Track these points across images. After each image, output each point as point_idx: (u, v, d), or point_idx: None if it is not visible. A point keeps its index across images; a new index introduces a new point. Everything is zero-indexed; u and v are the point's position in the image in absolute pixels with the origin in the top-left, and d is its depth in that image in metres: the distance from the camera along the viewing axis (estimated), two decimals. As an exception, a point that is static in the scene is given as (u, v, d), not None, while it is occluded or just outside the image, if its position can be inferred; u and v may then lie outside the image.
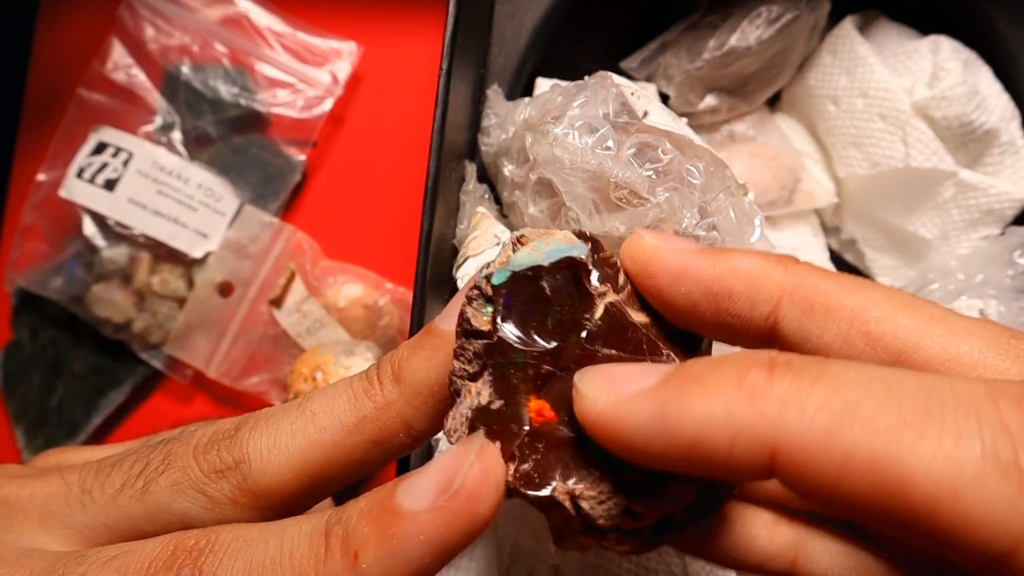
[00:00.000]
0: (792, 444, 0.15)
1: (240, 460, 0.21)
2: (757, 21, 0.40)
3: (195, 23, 0.47)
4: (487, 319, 0.19)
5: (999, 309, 0.34)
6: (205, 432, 0.22)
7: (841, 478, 0.15)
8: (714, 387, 0.16)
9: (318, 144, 0.48)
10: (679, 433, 0.16)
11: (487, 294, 0.20)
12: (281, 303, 0.46)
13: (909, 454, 0.14)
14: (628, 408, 0.17)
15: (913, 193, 0.41)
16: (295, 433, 0.21)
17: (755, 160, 0.42)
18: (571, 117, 0.30)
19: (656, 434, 0.16)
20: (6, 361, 0.48)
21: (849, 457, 0.14)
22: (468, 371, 0.20)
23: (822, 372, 0.15)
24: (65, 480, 0.22)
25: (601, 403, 0.17)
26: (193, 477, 0.21)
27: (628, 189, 0.29)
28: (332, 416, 0.21)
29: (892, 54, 0.41)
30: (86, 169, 0.45)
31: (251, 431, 0.21)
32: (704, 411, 0.16)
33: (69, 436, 0.47)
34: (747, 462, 0.16)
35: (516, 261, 0.20)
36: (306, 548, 0.18)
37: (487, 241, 0.33)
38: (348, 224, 0.48)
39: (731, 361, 0.16)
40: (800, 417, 0.15)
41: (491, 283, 0.20)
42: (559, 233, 0.21)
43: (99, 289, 0.45)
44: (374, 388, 0.21)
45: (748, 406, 0.15)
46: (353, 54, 0.48)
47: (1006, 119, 0.40)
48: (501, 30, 0.41)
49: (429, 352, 0.21)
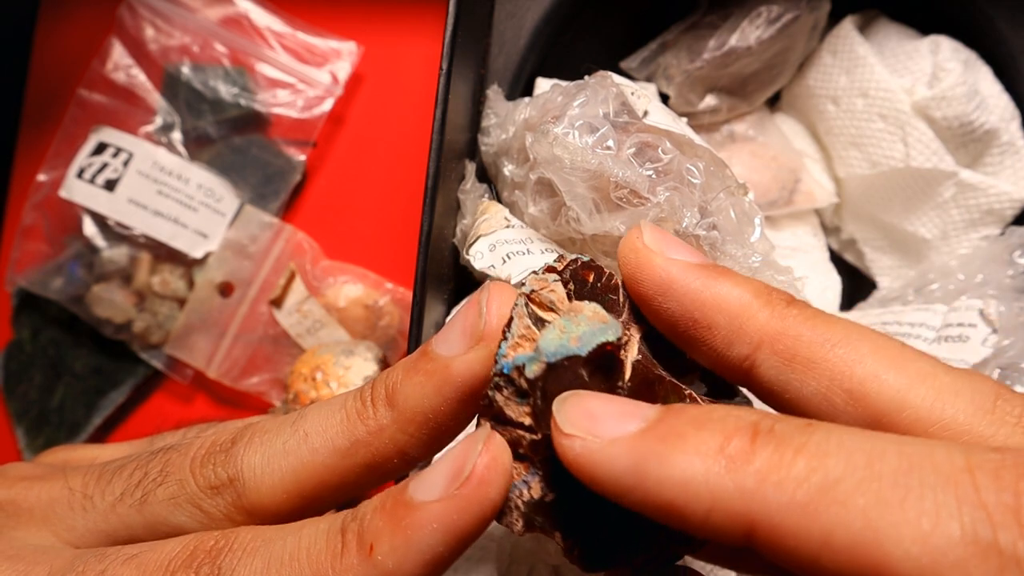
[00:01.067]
0: (770, 521, 0.15)
1: (234, 477, 0.21)
2: (757, 21, 0.40)
3: (195, 23, 0.47)
4: (525, 411, 0.19)
5: (999, 309, 0.34)
6: (203, 443, 0.22)
7: (821, 557, 0.14)
8: (694, 451, 0.16)
9: (318, 144, 0.48)
10: (655, 493, 0.16)
11: (520, 386, 0.19)
12: (281, 303, 0.46)
13: (888, 537, 0.14)
14: (605, 454, 0.16)
15: (913, 193, 0.41)
16: (288, 453, 0.21)
17: (755, 160, 0.42)
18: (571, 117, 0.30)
19: (632, 488, 0.16)
20: (7, 361, 0.48)
21: (828, 537, 0.14)
22: None
23: (804, 442, 0.15)
24: (69, 484, 0.22)
25: (579, 445, 0.17)
26: (189, 491, 0.21)
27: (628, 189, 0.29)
28: (325, 438, 0.21)
29: (892, 54, 0.41)
30: (86, 169, 0.45)
31: (246, 446, 0.21)
32: (681, 476, 0.15)
33: (70, 436, 0.47)
34: (723, 531, 0.15)
35: (547, 349, 0.19)
36: (323, 545, 0.18)
37: (498, 223, 0.33)
38: (348, 224, 0.48)
39: (716, 423, 0.16)
40: (779, 494, 0.15)
41: (524, 375, 0.18)
42: (587, 309, 0.19)
43: (99, 289, 0.45)
44: (367, 411, 0.21)
45: (727, 477, 0.15)
46: (353, 54, 0.48)
47: (1006, 119, 0.40)
48: (501, 30, 0.41)
49: (423, 378, 0.20)
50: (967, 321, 0.34)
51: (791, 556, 0.15)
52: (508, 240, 0.32)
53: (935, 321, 0.36)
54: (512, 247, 0.31)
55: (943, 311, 0.36)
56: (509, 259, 0.31)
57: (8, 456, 0.48)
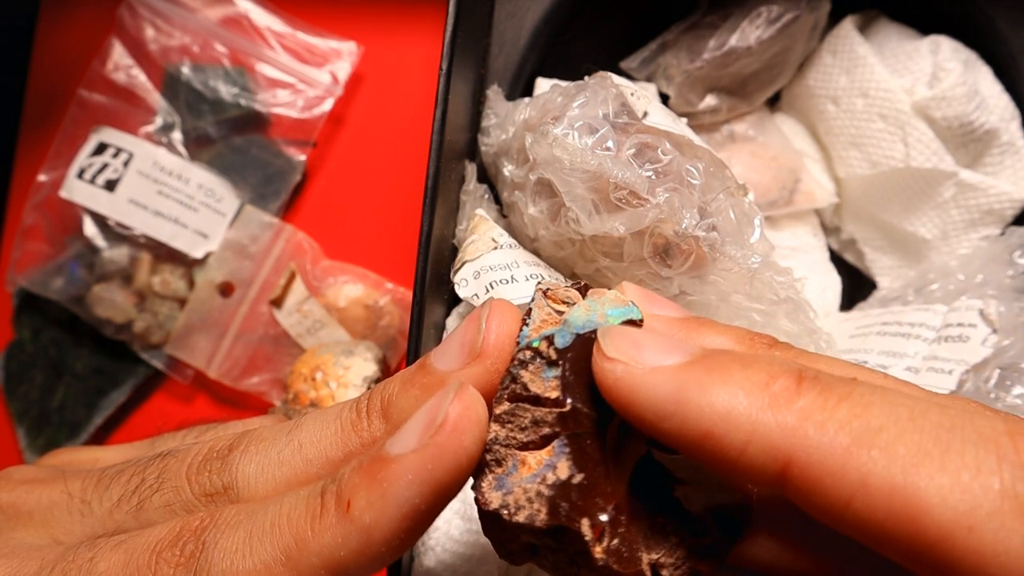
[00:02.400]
0: (808, 459, 0.15)
1: (229, 486, 0.21)
2: (757, 21, 0.40)
3: (195, 23, 0.47)
4: (552, 384, 0.18)
5: (999, 309, 0.34)
6: (200, 450, 0.22)
7: (853, 500, 0.15)
8: (738, 384, 0.16)
9: (318, 144, 0.48)
10: (694, 420, 0.16)
11: (549, 357, 0.18)
12: (281, 303, 0.46)
13: (927, 484, 0.14)
14: (647, 381, 0.17)
15: (913, 193, 0.41)
16: (282, 463, 0.21)
17: (755, 160, 0.42)
18: (571, 117, 0.30)
19: (670, 415, 0.16)
20: (8, 361, 0.48)
21: (865, 480, 0.14)
22: (521, 439, 0.18)
23: (848, 392, 0.15)
24: (68, 489, 0.22)
25: (620, 369, 0.17)
26: (184, 499, 0.21)
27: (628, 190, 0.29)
28: (319, 449, 0.21)
29: (892, 54, 0.41)
30: (87, 170, 0.45)
31: (242, 455, 0.21)
32: (724, 406, 0.16)
33: (71, 436, 0.47)
34: (757, 467, 0.15)
35: (576, 323, 0.19)
36: (303, 508, 0.18)
37: (484, 246, 0.33)
38: (348, 224, 0.48)
39: (761, 363, 0.16)
40: (820, 433, 0.15)
41: (554, 345, 0.18)
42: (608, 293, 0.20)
43: (100, 289, 0.45)
44: (362, 422, 0.21)
45: (770, 412, 0.15)
46: (353, 54, 0.48)
47: (1006, 119, 0.40)
48: (501, 30, 0.41)
49: (419, 392, 0.20)
50: (967, 321, 0.34)
51: (823, 498, 0.15)
52: (493, 266, 0.32)
53: (935, 321, 0.36)
54: (496, 274, 0.31)
55: (943, 311, 0.36)
56: (492, 288, 0.31)
57: (9, 456, 0.48)
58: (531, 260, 0.33)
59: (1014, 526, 0.14)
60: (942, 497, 0.14)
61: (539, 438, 0.19)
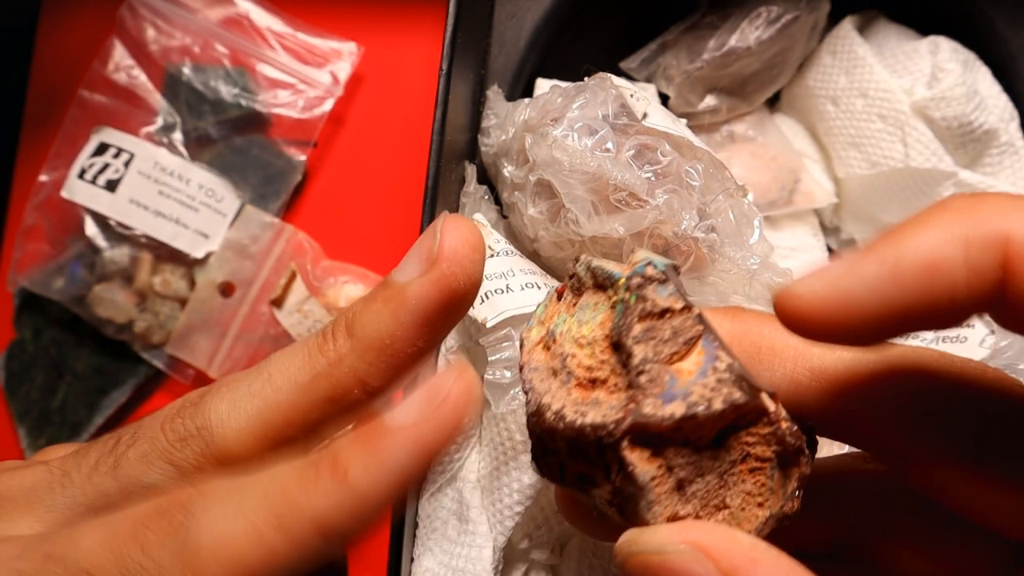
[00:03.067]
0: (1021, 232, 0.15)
1: (203, 427, 0.21)
2: (757, 21, 0.40)
3: (196, 24, 0.48)
4: (674, 297, 0.19)
5: (998, 309, 0.34)
6: (174, 404, 0.22)
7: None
8: (930, 217, 0.17)
9: (319, 144, 0.48)
10: (911, 267, 0.16)
11: (660, 279, 0.19)
12: (282, 303, 0.46)
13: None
14: (854, 272, 0.17)
15: (912, 193, 0.41)
16: (253, 395, 0.21)
17: (755, 160, 0.42)
18: (570, 119, 0.30)
19: (888, 279, 0.16)
20: (9, 361, 0.48)
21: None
22: (667, 352, 0.19)
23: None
24: (48, 466, 0.22)
25: (819, 284, 0.17)
26: (160, 447, 0.21)
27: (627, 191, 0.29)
28: (287, 375, 0.21)
29: (891, 54, 0.41)
30: (88, 170, 0.45)
31: (214, 397, 0.21)
32: (931, 235, 0.16)
33: (72, 436, 0.47)
34: (982, 270, 0.16)
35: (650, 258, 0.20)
36: (296, 476, 0.18)
37: None
38: (348, 224, 0.48)
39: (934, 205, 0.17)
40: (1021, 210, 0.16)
41: (657, 269, 0.20)
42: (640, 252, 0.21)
43: (101, 289, 0.45)
44: (327, 343, 0.21)
45: (972, 215, 0.16)
46: (353, 54, 0.48)
47: (1005, 120, 0.40)
48: (501, 30, 0.41)
49: (380, 304, 0.21)
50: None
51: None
52: (489, 275, 0.32)
53: (934, 321, 0.36)
54: (491, 284, 0.31)
55: (942, 312, 0.36)
56: (486, 299, 0.31)
57: (10, 456, 0.48)
58: (527, 268, 0.33)
59: None
60: None
61: (682, 346, 0.19)
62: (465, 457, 0.32)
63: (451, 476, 0.33)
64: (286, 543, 0.17)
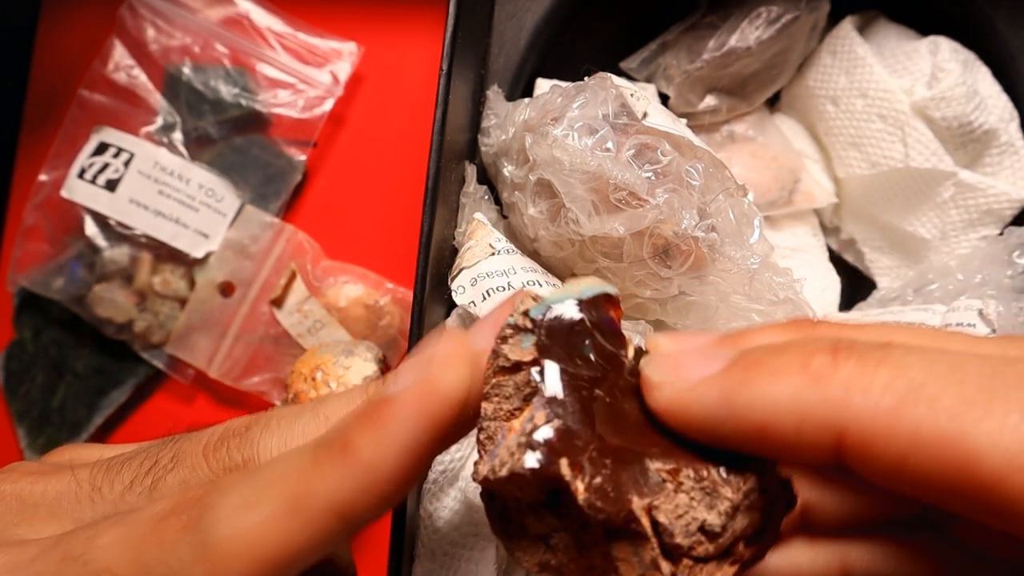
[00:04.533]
0: (859, 426, 0.15)
1: (249, 459, 0.21)
2: (757, 21, 0.40)
3: (196, 24, 0.48)
4: (530, 350, 0.19)
5: (998, 309, 0.34)
6: (216, 430, 0.22)
7: (907, 457, 0.15)
8: (779, 372, 0.16)
9: (319, 144, 0.48)
10: (746, 418, 0.17)
11: (525, 327, 0.19)
12: (282, 303, 0.46)
13: (975, 431, 0.14)
14: (694, 395, 0.17)
15: (912, 193, 0.41)
16: (307, 436, 0.21)
17: (755, 160, 0.42)
18: (571, 118, 0.30)
19: (724, 419, 0.17)
20: (8, 361, 0.48)
21: (915, 436, 0.15)
22: (507, 409, 0.19)
23: (885, 356, 0.16)
24: (76, 477, 0.22)
25: (668, 390, 0.18)
26: (202, 475, 0.21)
27: (627, 190, 0.29)
28: None
29: (891, 55, 0.41)
30: (87, 169, 0.45)
31: (263, 430, 0.21)
32: (770, 397, 0.16)
33: (71, 436, 0.47)
34: (814, 444, 0.16)
35: (550, 298, 0.20)
36: (305, 458, 0.18)
37: (481, 252, 0.33)
38: (349, 224, 0.48)
39: (794, 346, 0.17)
40: (865, 399, 0.15)
41: (529, 316, 0.19)
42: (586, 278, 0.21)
43: (101, 289, 0.45)
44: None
45: (814, 390, 0.16)
46: (353, 54, 0.48)
47: (1005, 120, 0.40)
48: (501, 30, 0.41)
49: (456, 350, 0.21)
50: (966, 321, 0.34)
51: (879, 460, 0.15)
52: (490, 273, 0.32)
53: (934, 321, 0.36)
54: (493, 281, 0.32)
55: (942, 311, 0.36)
56: (489, 297, 0.31)
57: (10, 456, 0.48)
58: (528, 266, 0.33)
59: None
60: (992, 441, 0.14)
61: (522, 401, 0.19)
62: (467, 456, 0.32)
63: (453, 476, 0.33)
64: (303, 527, 0.17)
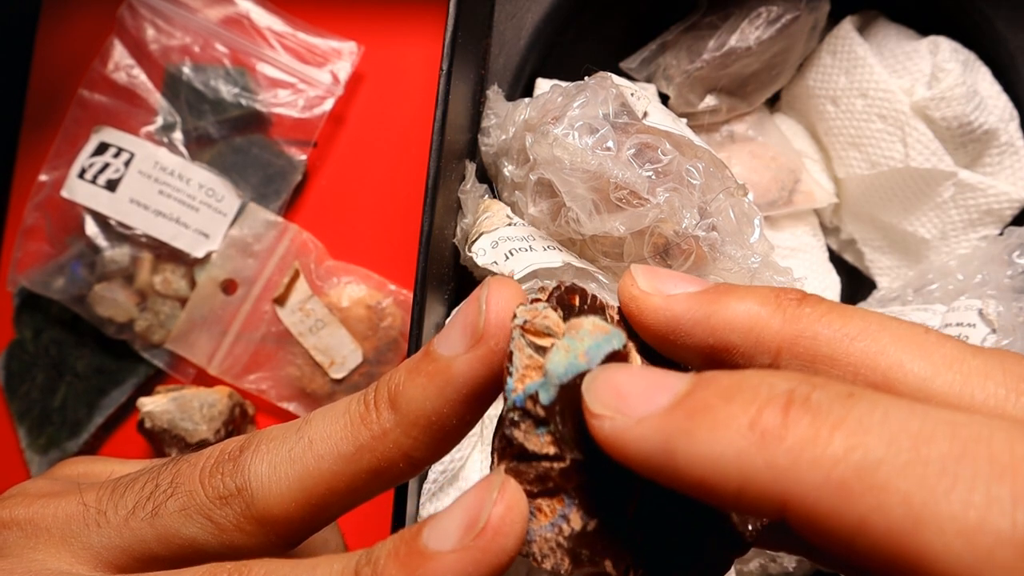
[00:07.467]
0: (803, 501, 0.14)
1: (242, 487, 0.21)
2: (757, 21, 0.40)
3: (196, 23, 0.48)
4: (547, 440, 0.18)
5: (998, 309, 0.34)
6: (212, 452, 0.22)
7: (855, 541, 0.14)
8: (724, 425, 0.15)
9: (319, 144, 0.48)
10: (685, 471, 0.15)
11: (538, 416, 0.18)
12: (284, 302, 0.46)
13: (930, 527, 0.13)
14: (635, 434, 0.16)
15: (912, 193, 0.41)
16: (293, 460, 0.21)
17: (755, 160, 0.42)
18: (571, 118, 0.30)
19: (662, 465, 0.16)
20: (9, 361, 0.48)
21: (864, 521, 0.13)
22: (532, 490, 0.18)
23: (843, 416, 0.14)
24: (83, 501, 0.22)
25: (608, 425, 0.17)
26: (199, 502, 0.21)
27: (628, 190, 0.29)
28: (329, 444, 0.21)
29: (891, 55, 0.41)
30: (88, 169, 0.45)
31: (253, 454, 0.21)
32: (710, 453, 0.15)
33: (72, 435, 0.47)
34: (756, 510, 0.15)
35: (556, 371, 0.18)
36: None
37: (500, 220, 0.33)
38: (349, 224, 0.48)
39: (747, 392, 0.15)
40: (813, 473, 0.14)
41: (540, 403, 0.18)
42: (586, 323, 0.19)
43: (101, 289, 0.45)
44: (370, 415, 0.21)
45: (758, 455, 0.14)
46: (354, 54, 0.48)
47: (1005, 120, 0.40)
48: (501, 30, 0.41)
49: (425, 380, 0.20)
50: (966, 321, 0.34)
51: (825, 538, 0.14)
52: (510, 237, 0.32)
53: (934, 321, 0.36)
54: (514, 244, 0.31)
55: (942, 311, 0.36)
56: (512, 255, 0.31)
57: (10, 456, 0.48)
58: (545, 236, 0.33)
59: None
60: (945, 543, 0.13)
61: (548, 489, 0.18)
62: (467, 456, 0.32)
63: (452, 476, 0.33)
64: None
